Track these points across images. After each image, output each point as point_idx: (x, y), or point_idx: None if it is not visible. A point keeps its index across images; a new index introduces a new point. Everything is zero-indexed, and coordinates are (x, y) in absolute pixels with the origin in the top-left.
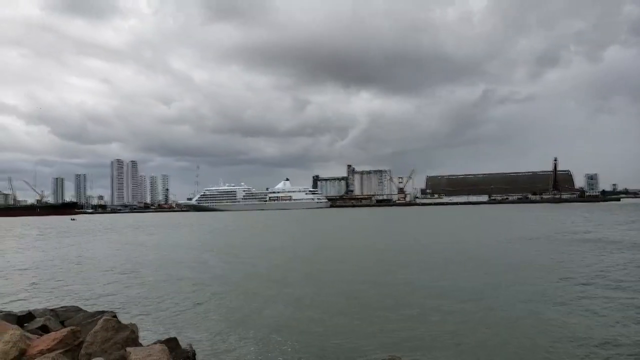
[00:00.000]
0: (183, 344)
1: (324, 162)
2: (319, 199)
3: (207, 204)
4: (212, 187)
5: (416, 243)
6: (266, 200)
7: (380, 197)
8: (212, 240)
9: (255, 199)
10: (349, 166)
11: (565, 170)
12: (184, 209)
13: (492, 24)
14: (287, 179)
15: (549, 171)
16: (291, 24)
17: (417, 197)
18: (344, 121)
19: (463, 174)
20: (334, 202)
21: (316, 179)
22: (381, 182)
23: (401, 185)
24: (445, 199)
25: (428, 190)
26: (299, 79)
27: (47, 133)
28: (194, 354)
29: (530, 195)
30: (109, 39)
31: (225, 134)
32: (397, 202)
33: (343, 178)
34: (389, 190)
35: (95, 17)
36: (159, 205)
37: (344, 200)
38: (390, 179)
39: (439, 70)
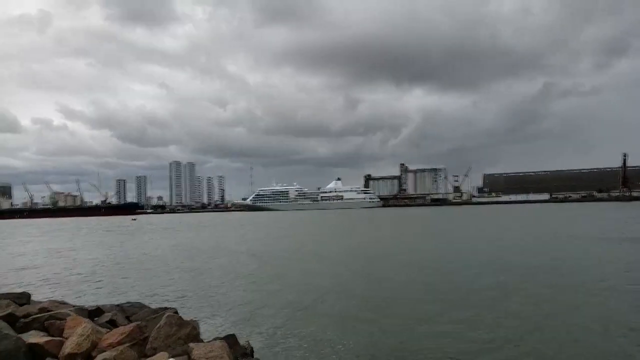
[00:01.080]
0: (241, 340)
1: (376, 161)
2: (371, 198)
3: (260, 204)
4: (265, 187)
5: (478, 243)
6: (318, 200)
7: (435, 196)
8: (269, 238)
9: (307, 198)
10: (402, 165)
11: (636, 166)
12: (239, 208)
13: (554, 13)
14: (339, 179)
15: (617, 167)
16: (343, 24)
17: (473, 196)
18: (397, 119)
19: (522, 171)
20: (387, 201)
21: (368, 178)
22: (435, 181)
23: (457, 184)
24: (504, 198)
25: (485, 189)
26: (351, 78)
27: (109, 137)
28: (252, 351)
29: (596, 193)
30: (167, 45)
31: (278, 134)
32: (453, 201)
33: (396, 177)
34: (444, 189)
35: (154, 25)
36: (215, 205)
37: (397, 199)
38: (445, 178)
39: (497, 65)
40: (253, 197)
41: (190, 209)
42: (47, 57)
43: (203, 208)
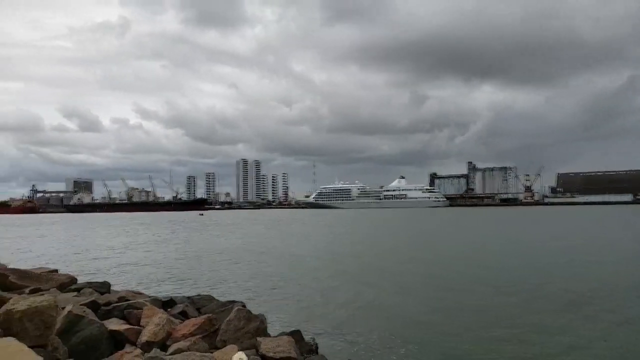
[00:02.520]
0: (306, 336)
1: (442, 159)
2: (436, 197)
3: (323, 202)
4: (328, 185)
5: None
6: (381, 199)
7: (505, 196)
8: (333, 236)
9: (369, 197)
10: (470, 163)
11: None
12: (302, 206)
13: (637, 1)
14: (403, 177)
15: None
16: (410, 20)
17: (545, 196)
18: (465, 116)
19: (602, 170)
20: (453, 201)
21: (433, 177)
22: (505, 180)
23: (528, 183)
24: (579, 199)
25: (559, 189)
26: (417, 75)
27: (181, 135)
28: (316, 347)
29: None
30: (237, 46)
31: (341, 132)
32: (524, 201)
33: (463, 176)
34: (515, 188)
35: (225, 27)
36: (279, 202)
37: (464, 199)
38: (516, 177)
39: (573, 58)
40: (315, 195)
41: (256, 205)
42: (125, 60)
43: (268, 205)
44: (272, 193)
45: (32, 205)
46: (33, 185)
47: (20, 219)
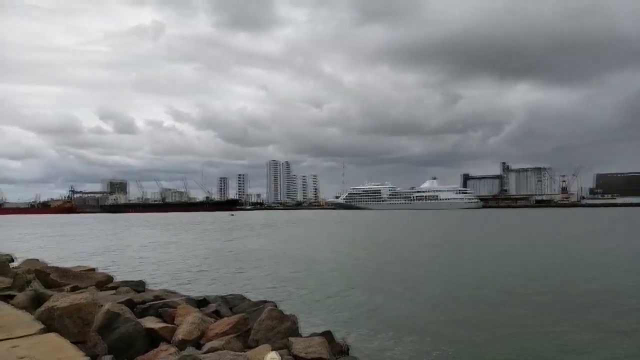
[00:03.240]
0: (337, 338)
1: (475, 160)
2: (469, 198)
3: (353, 203)
4: (357, 186)
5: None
6: (412, 200)
7: (540, 198)
8: (366, 237)
9: (400, 198)
10: (503, 164)
11: None
12: (332, 207)
13: None
14: (434, 178)
15: None
16: (442, 19)
17: (583, 198)
18: (498, 116)
19: None
20: (486, 202)
21: (466, 178)
22: (540, 181)
23: (564, 185)
24: (619, 200)
25: (598, 190)
26: (449, 74)
27: (213, 137)
28: (347, 349)
29: None
30: (267, 48)
31: (371, 133)
32: (560, 202)
33: (496, 176)
34: (550, 189)
35: (256, 29)
36: (310, 203)
37: (498, 200)
38: (551, 178)
39: (613, 55)
40: (345, 196)
41: (286, 206)
42: (158, 63)
43: (297, 206)
44: (302, 194)
45: (70, 206)
46: (71, 186)
47: (59, 219)
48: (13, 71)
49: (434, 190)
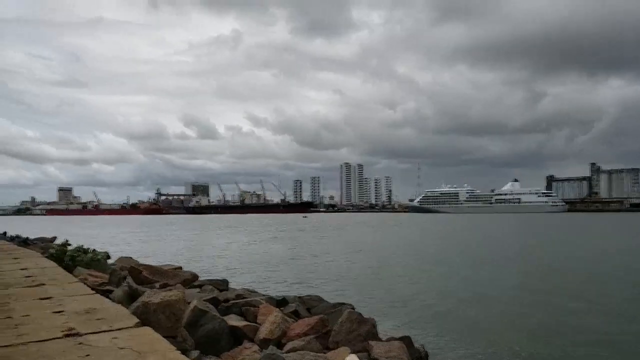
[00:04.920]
0: (416, 343)
1: (560, 161)
2: (553, 202)
3: (428, 206)
4: (433, 188)
5: None
6: (491, 203)
7: (636, 201)
8: (442, 241)
9: (479, 201)
10: (593, 164)
11: None
12: (406, 210)
13: None
14: (516, 180)
15: None
16: (525, 15)
17: None
18: (587, 113)
19: None
20: (573, 205)
21: (550, 180)
22: (637, 183)
23: None
24: None
25: None
26: (533, 71)
27: (289, 141)
28: (426, 355)
29: None
30: (341, 52)
31: (448, 134)
32: None
33: (585, 178)
34: None
35: (331, 34)
36: (382, 205)
37: (586, 203)
38: None
39: None
40: (420, 199)
41: (359, 208)
42: (238, 71)
43: (371, 208)
44: (375, 196)
45: (156, 207)
46: (158, 189)
47: (147, 219)
48: (106, 83)
49: (515, 193)
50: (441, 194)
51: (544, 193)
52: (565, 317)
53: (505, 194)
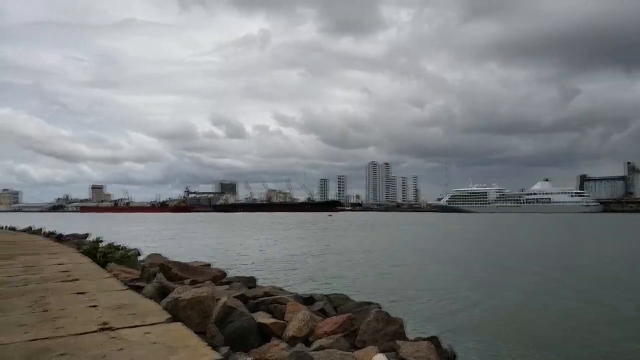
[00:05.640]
0: (443, 344)
1: (594, 160)
2: (587, 202)
3: (456, 205)
4: (461, 187)
5: None
6: (521, 203)
7: None
8: (470, 240)
9: (508, 200)
10: (629, 163)
11: None
12: (433, 209)
13: None
14: (546, 179)
15: None
16: (558, 10)
17: None
18: (623, 111)
19: None
20: (607, 206)
21: (583, 179)
22: None
23: None
24: None
25: None
26: (566, 68)
27: (316, 140)
28: (454, 356)
29: None
30: (368, 50)
31: (477, 132)
32: None
33: (620, 178)
34: None
35: (360, 32)
36: (409, 205)
37: (622, 204)
38: None
39: None
40: (448, 198)
41: (385, 208)
42: (265, 70)
43: (397, 207)
44: (402, 195)
45: (185, 205)
46: (187, 187)
47: (176, 217)
48: (137, 83)
49: (546, 193)
50: (469, 193)
51: (577, 193)
52: (602, 326)
53: (535, 194)
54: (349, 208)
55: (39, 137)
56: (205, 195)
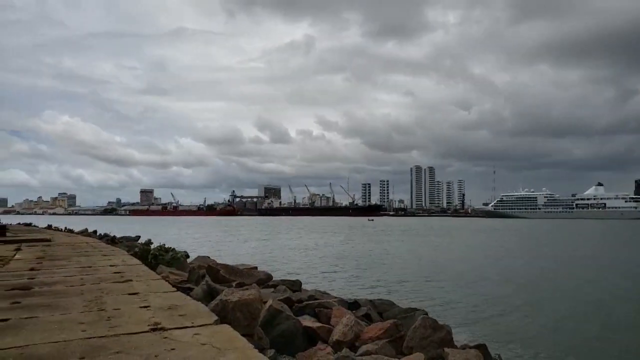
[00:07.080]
0: (492, 352)
1: None
2: None
3: (503, 210)
4: (509, 192)
5: None
6: (573, 208)
7: None
8: (519, 247)
9: (558, 206)
10: None
11: None
12: (480, 214)
13: None
14: (600, 184)
15: None
16: (612, 8)
17: None
18: None
19: None
20: None
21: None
22: None
23: None
24: None
25: None
26: (623, 68)
27: (359, 144)
28: None
29: None
30: (413, 54)
31: (526, 136)
32: None
33: None
34: None
35: (405, 36)
36: (455, 210)
37: None
38: None
39: None
40: (495, 203)
41: (430, 213)
42: (310, 75)
43: (442, 213)
44: (447, 200)
45: (231, 209)
46: (233, 191)
47: (223, 220)
48: (187, 90)
49: (600, 198)
50: (518, 198)
51: (633, 198)
52: None
53: (588, 199)
54: (392, 213)
55: (94, 143)
56: (251, 199)
